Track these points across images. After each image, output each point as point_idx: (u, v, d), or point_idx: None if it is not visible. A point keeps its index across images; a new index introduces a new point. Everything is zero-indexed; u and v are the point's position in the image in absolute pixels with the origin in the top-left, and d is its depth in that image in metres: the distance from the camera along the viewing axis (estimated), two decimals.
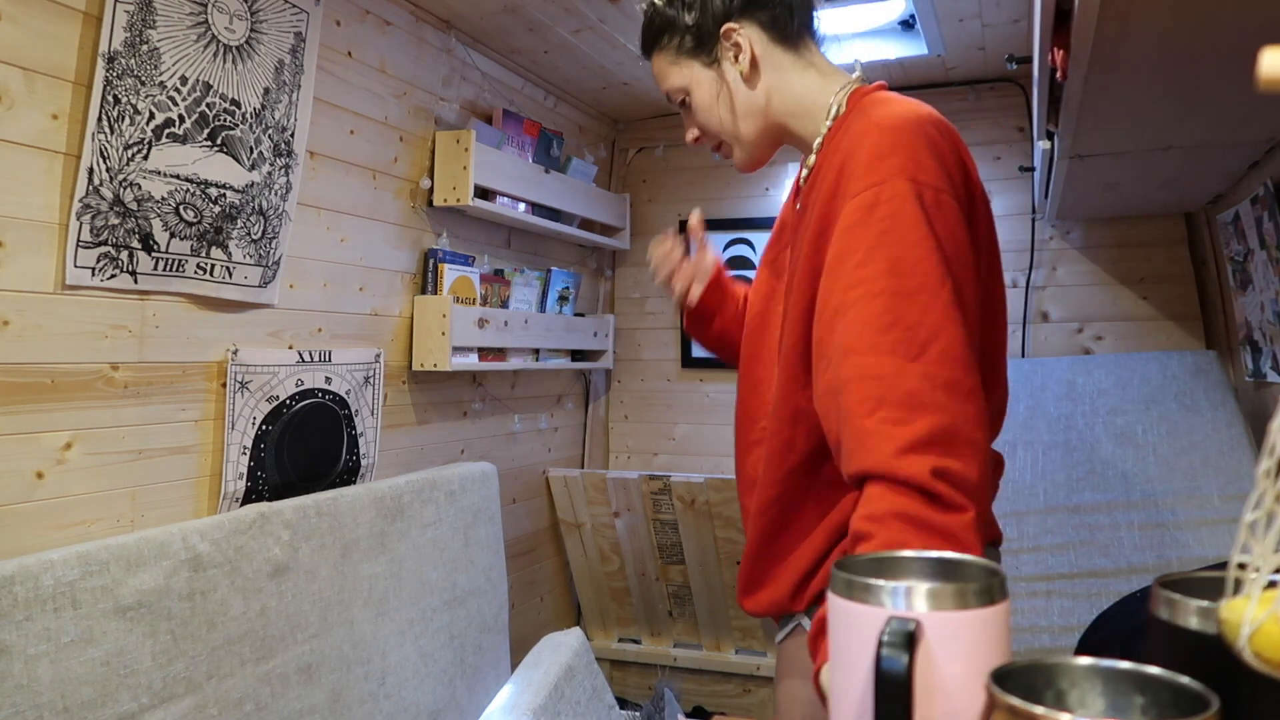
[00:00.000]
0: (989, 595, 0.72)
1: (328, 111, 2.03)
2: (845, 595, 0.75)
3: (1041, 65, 1.40)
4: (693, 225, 1.38)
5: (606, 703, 2.23)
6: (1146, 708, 0.60)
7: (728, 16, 1.10)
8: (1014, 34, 2.44)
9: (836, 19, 2.46)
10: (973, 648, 0.69)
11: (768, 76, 1.12)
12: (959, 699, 0.68)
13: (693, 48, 1.14)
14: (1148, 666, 0.61)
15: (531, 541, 2.98)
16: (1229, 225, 2.17)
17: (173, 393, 1.71)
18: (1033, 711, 0.53)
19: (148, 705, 1.44)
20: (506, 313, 2.55)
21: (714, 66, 1.13)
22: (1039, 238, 2.84)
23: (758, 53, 1.10)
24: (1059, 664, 0.64)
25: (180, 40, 1.62)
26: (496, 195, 2.51)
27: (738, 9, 1.10)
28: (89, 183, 1.50)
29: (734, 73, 1.12)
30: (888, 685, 0.66)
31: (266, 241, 1.85)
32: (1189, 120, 1.45)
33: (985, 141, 2.90)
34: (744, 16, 1.10)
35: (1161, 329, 2.70)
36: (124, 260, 1.58)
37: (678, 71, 1.17)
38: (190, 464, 1.75)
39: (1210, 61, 1.10)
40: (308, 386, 1.97)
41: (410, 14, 2.27)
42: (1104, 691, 0.62)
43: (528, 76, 2.79)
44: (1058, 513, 2.30)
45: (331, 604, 1.84)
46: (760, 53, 1.11)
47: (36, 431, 1.48)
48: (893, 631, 0.67)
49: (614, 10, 2.31)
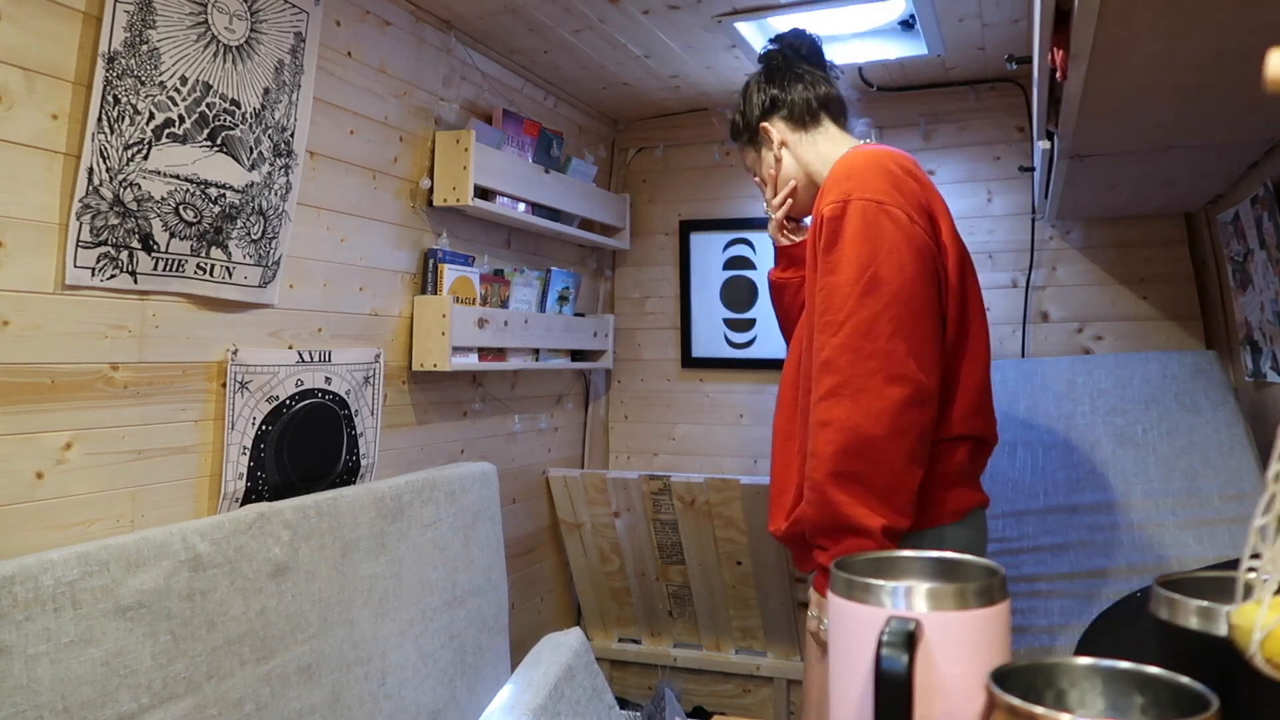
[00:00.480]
0: (989, 595, 0.72)
1: (328, 111, 2.03)
2: (845, 595, 0.75)
3: (1041, 65, 1.40)
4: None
5: (606, 703, 2.22)
6: (1146, 708, 0.60)
7: (763, 118, 1.59)
8: (1014, 34, 2.44)
9: (837, 19, 2.46)
10: (973, 648, 0.69)
11: (795, 150, 1.57)
12: (959, 699, 0.68)
13: (748, 139, 1.63)
14: (1148, 666, 0.61)
15: (531, 541, 2.98)
16: (1229, 225, 2.17)
17: (173, 393, 1.71)
18: (1033, 711, 0.53)
19: (148, 705, 1.44)
20: (506, 313, 2.55)
21: (766, 148, 1.60)
22: (1039, 238, 2.84)
23: (785, 139, 1.57)
24: (1059, 664, 0.64)
25: (180, 40, 1.62)
26: (496, 195, 2.51)
27: (767, 112, 1.58)
28: (89, 183, 1.50)
29: (773, 153, 1.59)
30: (888, 685, 0.66)
31: (266, 241, 1.85)
32: (1189, 120, 1.45)
33: (985, 141, 2.90)
34: (772, 115, 1.58)
35: (1161, 329, 2.70)
36: (124, 260, 1.58)
37: (749, 155, 1.65)
38: (190, 464, 1.75)
39: (1210, 61, 1.10)
40: (308, 386, 1.97)
41: (410, 14, 2.27)
42: (1104, 691, 0.62)
43: (528, 76, 2.79)
44: (1058, 513, 2.30)
45: (331, 604, 1.84)
46: (787, 138, 1.57)
47: (36, 431, 1.48)
48: (893, 631, 0.67)
49: (614, 10, 2.31)
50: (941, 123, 2.96)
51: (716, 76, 2.84)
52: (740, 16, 2.33)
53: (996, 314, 2.87)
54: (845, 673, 0.74)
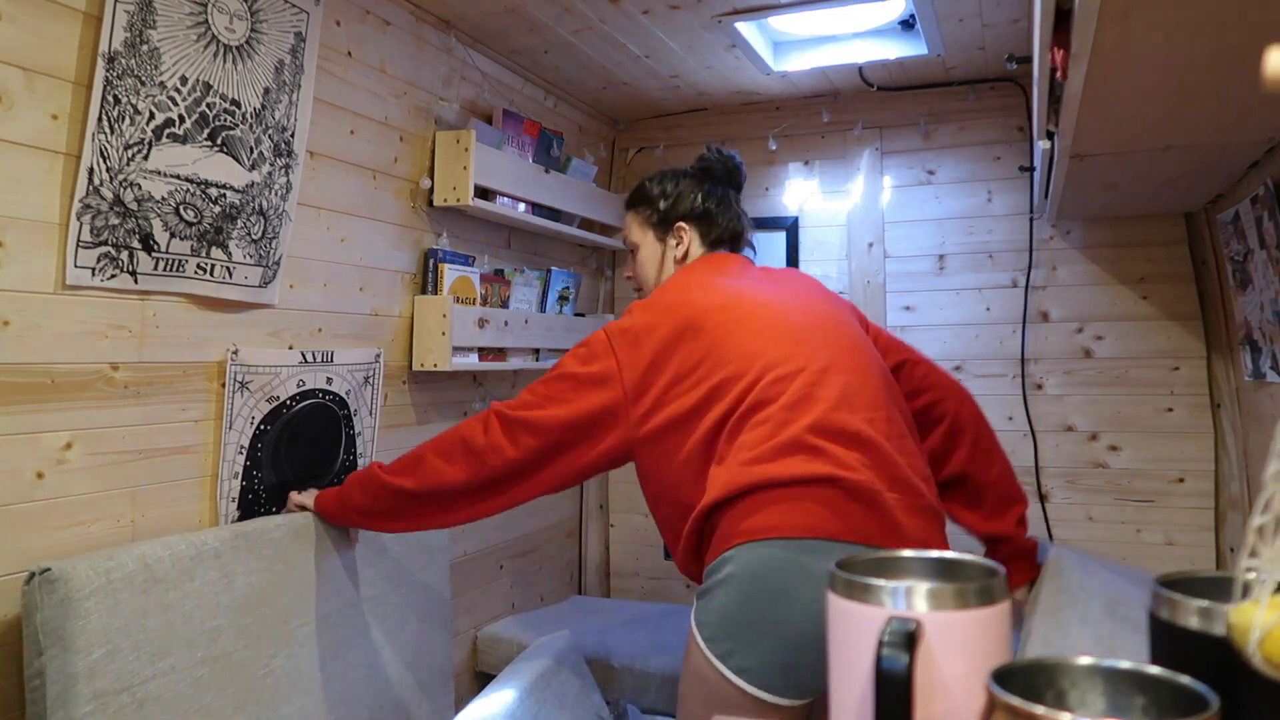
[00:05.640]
0: (989, 595, 0.72)
1: (328, 111, 2.03)
2: (845, 595, 0.75)
3: (1041, 65, 1.40)
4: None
5: (594, 701, 2.23)
6: (1147, 708, 0.60)
7: (684, 218, 1.72)
8: (1014, 34, 2.44)
9: (837, 19, 2.46)
10: (973, 648, 0.69)
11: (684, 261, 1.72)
12: (959, 699, 0.68)
13: (656, 223, 1.75)
14: (1148, 666, 0.61)
15: (532, 541, 2.98)
16: (1229, 225, 2.17)
17: (173, 393, 1.71)
18: (1033, 711, 0.53)
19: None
20: (506, 313, 2.55)
21: (662, 242, 1.75)
22: (1039, 238, 2.84)
23: (691, 249, 1.72)
24: (1059, 664, 0.64)
25: (180, 40, 1.62)
26: (496, 195, 2.51)
27: (693, 217, 1.72)
28: (89, 183, 1.50)
29: (673, 253, 1.74)
30: (888, 685, 0.66)
31: (266, 241, 1.85)
32: (1189, 120, 1.45)
33: (985, 141, 2.90)
34: (691, 222, 1.72)
35: (1161, 329, 2.70)
36: (124, 260, 1.58)
37: (639, 231, 1.78)
38: (191, 464, 1.75)
39: (1210, 61, 1.10)
40: (309, 387, 1.97)
41: (410, 14, 2.27)
42: (1104, 691, 0.62)
43: (528, 76, 2.79)
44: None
45: (330, 599, 1.84)
46: (693, 250, 1.72)
47: (36, 431, 1.48)
48: (893, 631, 0.67)
49: (614, 10, 2.31)
50: (941, 123, 2.96)
51: (716, 76, 2.84)
52: (740, 16, 2.33)
53: (997, 314, 2.87)
54: (845, 673, 0.74)
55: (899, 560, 0.86)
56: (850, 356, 1.48)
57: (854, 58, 2.62)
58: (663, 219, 1.74)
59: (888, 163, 3.03)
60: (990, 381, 2.85)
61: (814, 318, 1.52)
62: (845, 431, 1.36)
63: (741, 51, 2.59)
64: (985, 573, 0.81)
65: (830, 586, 0.78)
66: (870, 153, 3.05)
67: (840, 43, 2.60)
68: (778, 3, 2.25)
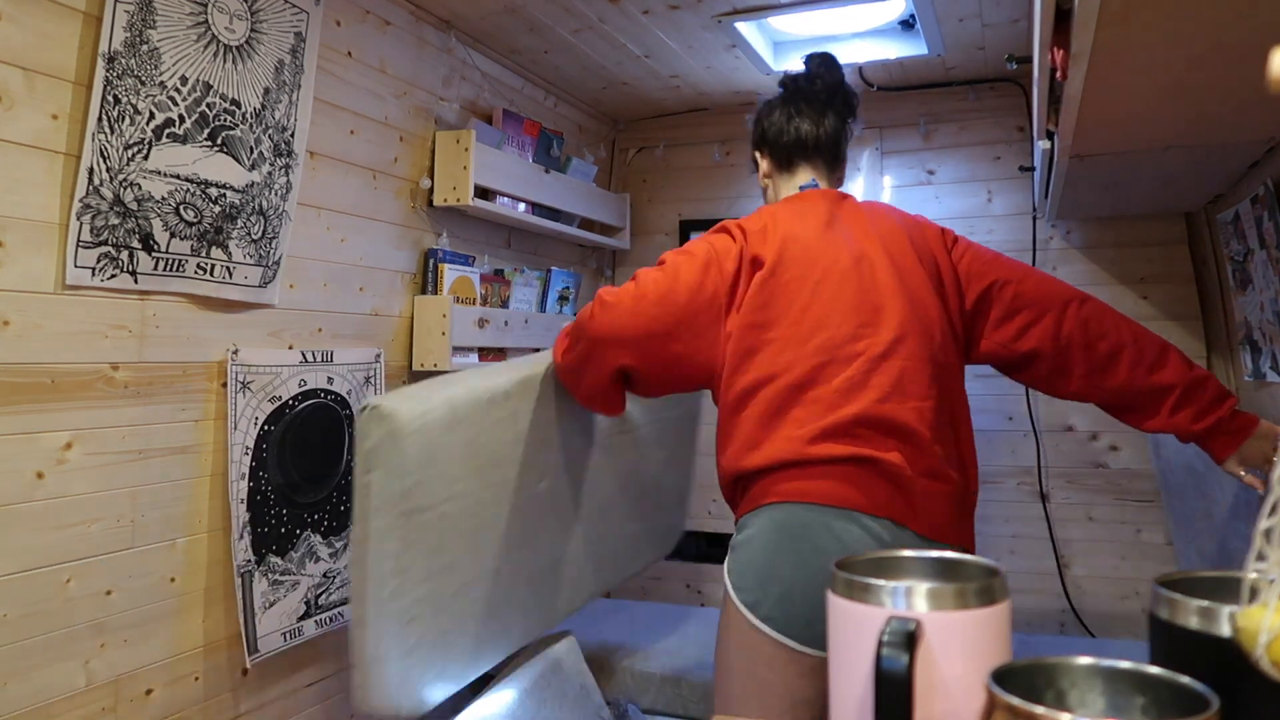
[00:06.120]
0: (989, 595, 0.72)
1: (328, 111, 2.03)
2: (845, 595, 0.75)
3: (1041, 65, 1.40)
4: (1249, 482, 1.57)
5: (595, 702, 2.23)
6: (1147, 708, 0.60)
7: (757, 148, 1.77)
8: (1014, 34, 2.44)
9: (837, 19, 2.46)
10: (973, 647, 0.69)
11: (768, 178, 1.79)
12: (959, 698, 0.68)
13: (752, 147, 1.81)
14: (1148, 666, 0.61)
15: None
16: (1229, 225, 2.17)
17: (173, 393, 1.71)
18: (1033, 711, 0.53)
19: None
20: (506, 313, 2.55)
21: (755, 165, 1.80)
22: (1039, 237, 2.84)
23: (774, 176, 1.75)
24: (1059, 664, 0.64)
25: (180, 40, 1.62)
26: (496, 195, 2.51)
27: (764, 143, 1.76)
28: (89, 183, 1.50)
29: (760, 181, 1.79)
30: (888, 684, 0.66)
31: (266, 241, 1.85)
32: (1189, 120, 1.45)
33: (985, 141, 2.90)
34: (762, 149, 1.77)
35: (1162, 329, 2.70)
36: (124, 260, 1.58)
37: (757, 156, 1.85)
38: (191, 464, 1.75)
39: (1210, 61, 1.10)
40: (310, 387, 1.97)
41: (410, 14, 2.27)
42: (1104, 691, 0.62)
43: (528, 76, 2.79)
44: None
45: (589, 435, 1.92)
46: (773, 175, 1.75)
47: (36, 431, 1.48)
48: (893, 631, 0.67)
49: (614, 10, 2.31)
50: (942, 123, 2.96)
51: (716, 76, 2.84)
52: (740, 16, 2.33)
53: None
54: (845, 672, 0.74)
55: (899, 560, 0.86)
56: (914, 342, 1.46)
57: (854, 58, 2.62)
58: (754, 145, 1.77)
59: (888, 163, 3.03)
60: (990, 381, 2.85)
61: (887, 288, 1.49)
62: (890, 423, 1.41)
63: (741, 51, 2.59)
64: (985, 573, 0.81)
65: (830, 586, 0.78)
66: (870, 153, 3.05)
67: (840, 43, 2.60)
68: (778, 3, 2.25)
